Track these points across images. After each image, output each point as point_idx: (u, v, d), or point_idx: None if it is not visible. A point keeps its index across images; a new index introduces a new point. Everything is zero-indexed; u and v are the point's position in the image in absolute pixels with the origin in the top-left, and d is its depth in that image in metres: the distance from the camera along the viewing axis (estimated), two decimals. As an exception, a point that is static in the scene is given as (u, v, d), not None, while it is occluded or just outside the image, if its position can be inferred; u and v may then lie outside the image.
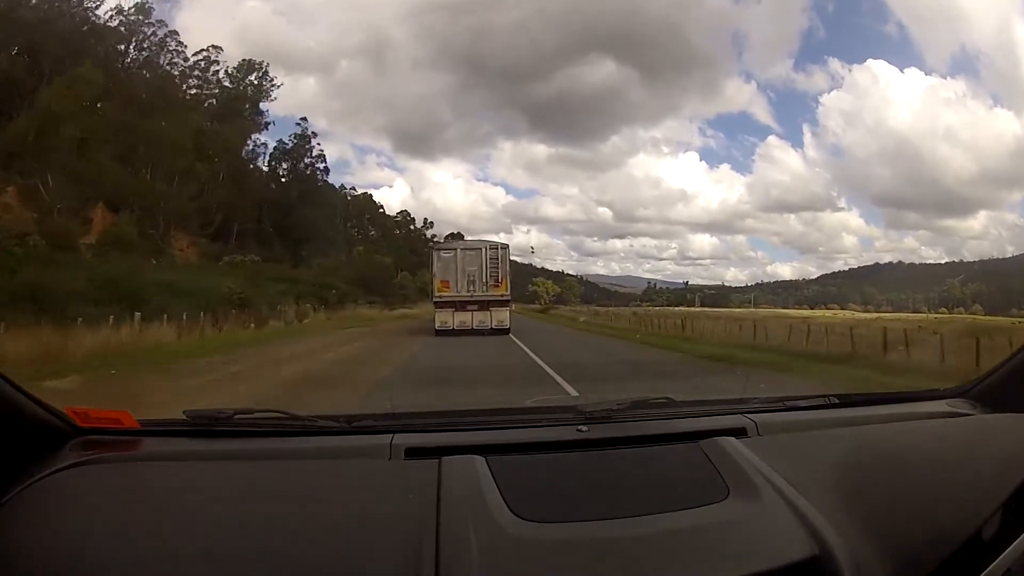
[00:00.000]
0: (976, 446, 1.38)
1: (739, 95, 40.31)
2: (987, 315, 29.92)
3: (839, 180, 40.51)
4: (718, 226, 45.78)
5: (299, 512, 1.12)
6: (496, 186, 48.91)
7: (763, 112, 41.61)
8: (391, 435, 1.38)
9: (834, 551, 1.03)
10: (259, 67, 32.83)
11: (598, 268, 46.73)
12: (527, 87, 46.63)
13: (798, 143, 45.49)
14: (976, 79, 35.03)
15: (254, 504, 1.15)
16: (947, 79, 34.27)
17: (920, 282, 36.37)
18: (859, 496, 1.18)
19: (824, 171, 38.99)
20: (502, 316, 17.20)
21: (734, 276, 43.56)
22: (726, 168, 40.82)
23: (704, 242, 44.89)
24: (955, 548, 1.02)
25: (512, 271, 18.97)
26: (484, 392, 6.95)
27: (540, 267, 40.28)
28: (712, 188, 45.11)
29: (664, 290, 42.17)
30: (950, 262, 35.69)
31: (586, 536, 1.07)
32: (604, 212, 42.06)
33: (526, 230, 43.13)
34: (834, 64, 37.04)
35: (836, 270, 40.03)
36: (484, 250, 18.13)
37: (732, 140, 48.37)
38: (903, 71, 36.43)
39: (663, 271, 48.23)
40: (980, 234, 37.07)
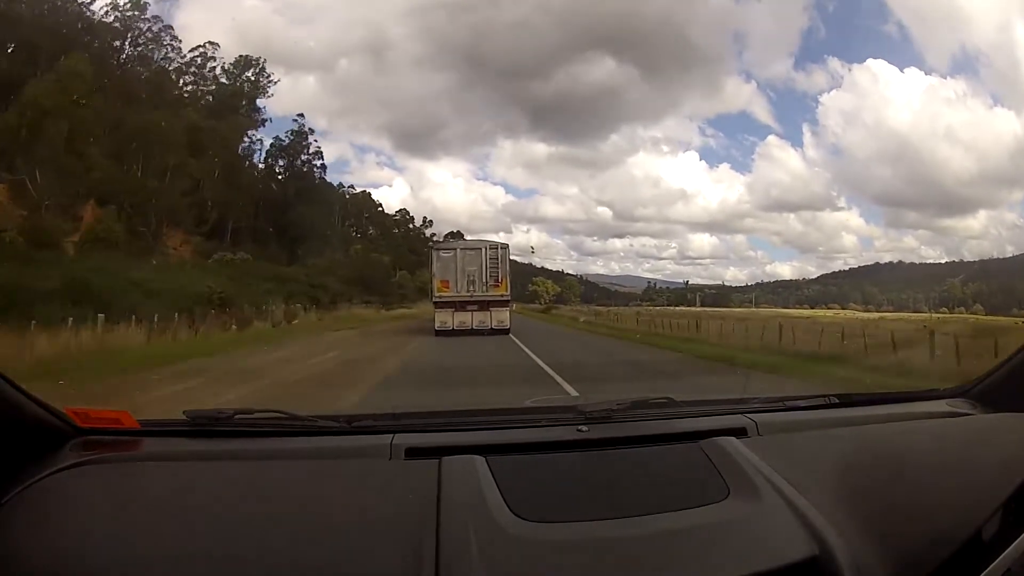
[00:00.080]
0: (976, 446, 1.38)
1: (739, 94, 40.29)
2: (988, 315, 29.89)
3: (839, 180, 40.41)
4: (718, 225, 45.53)
5: (299, 512, 1.12)
6: (496, 185, 49.22)
7: (763, 111, 41.33)
8: (391, 435, 1.38)
9: (834, 551, 1.03)
10: (256, 63, 32.47)
11: (598, 268, 46.74)
12: (527, 86, 46.55)
13: (798, 142, 45.15)
14: (976, 79, 34.89)
15: (254, 504, 1.15)
16: (947, 79, 34.16)
17: (920, 282, 36.33)
18: (859, 496, 1.18)
19: (824, 171, 38.86)
20: (502, 316, 17.12)
21: (734, 276, 43.47)
22: (726, 167, 40.59)
23: (704, 242, 44.76)
24: (955, 548, 1.02)
25: (512, 271, 18.89)
26: (484, 392, 6.95)
27: (540, 267, 40.22)
28: (712, 187, 44.61)
29: (664, 290, 42.06)
30: (950, 262, 35.66)
31: (586, 536, 1.07)
32: (604, 211, 41.88)
33: (526, 229, 43.01)
34: (834, 64, 36.91)
35: (836, 270, 39.95)
36: (484, 250, 18.04)
37: (732, 139, 48.44)
38: (903, 71, 36.41)
39: (663, 270, 48.38)
40: (980, 234, 37.12)
